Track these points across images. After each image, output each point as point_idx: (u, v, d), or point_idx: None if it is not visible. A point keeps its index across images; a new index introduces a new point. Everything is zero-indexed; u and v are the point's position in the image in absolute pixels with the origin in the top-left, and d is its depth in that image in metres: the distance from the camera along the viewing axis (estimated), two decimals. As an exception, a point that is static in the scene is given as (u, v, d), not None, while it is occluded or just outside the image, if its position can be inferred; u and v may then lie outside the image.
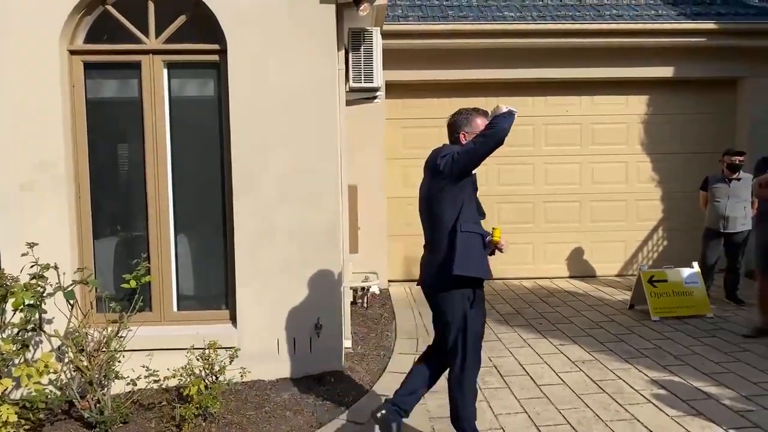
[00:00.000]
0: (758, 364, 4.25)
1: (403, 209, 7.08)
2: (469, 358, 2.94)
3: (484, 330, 3.10)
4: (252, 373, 3.92)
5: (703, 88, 7.14)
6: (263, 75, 4.00)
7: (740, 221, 5.81)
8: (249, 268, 4.06)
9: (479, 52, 6.64)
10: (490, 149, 2.77)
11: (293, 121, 4.04)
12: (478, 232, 2.93)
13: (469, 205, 2.91)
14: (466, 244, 2.87)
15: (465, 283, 2.89)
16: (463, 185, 2.89)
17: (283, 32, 3.99)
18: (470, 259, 2.86)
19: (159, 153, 4.12)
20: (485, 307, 3.10)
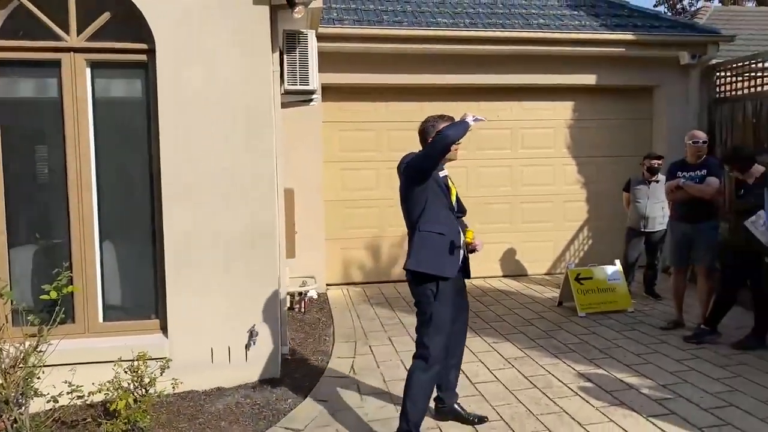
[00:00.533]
0: (674, 355, 4.55)
1: (341, 212, 7.08)
2: (429, 343, 3.08)
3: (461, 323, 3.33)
4: (185, 383, 3.80)
5: (623, 95, 7.57)
6: (194, 76, 3.89)
7: (658, 221, 6.20)
8: (180, 274, 3.93)
9: (414, 57, 6.75)
10: (437, 155, 3.01)
11: (227, 123, 3.96)
12: (440, 231, 3.09)
13: (434, 205, 3.10)
14: (422, 243, 3.08)
15: (425, 277, 3.07)
16: (426, 187, 3.09)
17: (216, 32, 3.90)
18: (424, 256, 3.07)
19: (81, 156, 3.92)
20: (461, 303, 3.31)
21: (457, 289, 3.25)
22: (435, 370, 3.12)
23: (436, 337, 3.09)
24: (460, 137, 3.05)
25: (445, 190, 3.18)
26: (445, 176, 3.22)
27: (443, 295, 3.08)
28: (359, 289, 6.86)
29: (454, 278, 3.15)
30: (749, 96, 6.97)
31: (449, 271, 3.10)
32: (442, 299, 3.08)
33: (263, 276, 4.05)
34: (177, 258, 3.93)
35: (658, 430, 3.33)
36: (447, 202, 3.18)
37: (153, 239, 4.07)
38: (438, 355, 3.11)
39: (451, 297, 3.14)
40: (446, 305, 3.10)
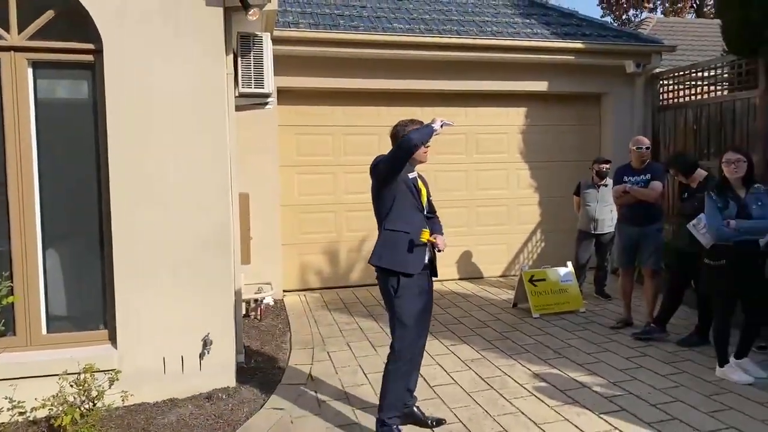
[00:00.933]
0: (624, 353, 4.70)
1: (297, 217, 7.01)
2: (397, 340, 3.24)
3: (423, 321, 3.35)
4: (135, 396, 3.67)
5: (573, 101, 7.81)
6: (144, 78, 3.77)
7: (607, 223, 6.41)
8: (130, 282, 3.80)
9: (370, 62, 6.76)
10: (402, 157, 3.12)
11: (178, 126, 3.85)
12: (405, 230, 3.22)
13: (401, 205, 3.22)
14: (386, 240, 3.24)
15: (388, 273, 3.22)
16: (394, 188, 3.21)
17: (167, 34, 3.80)
18: (387, 252, 3.21)
19: (23, 160, 3.74)
20: (426, 299, 3.35)
21: (421, 288, 3.29)
22: (404, 362, 3.25)
23: (401, 330, 3.22)
24: (425, 141, 3.18)
25: (414, 190, 3.28)
26: (414, 177, 3.32)
27: (404, 290, 3.19)
28: (317, 295, 6.80)
29: (417, 276, 3.23)
30: (690, 104, 7.31)
31: (412, 268, 3.20)
32: (403, 295, 3.19)
33: (217, 283, 3.96)
34: (127, 265, 3.79)
35: (609, 426, 3.43)
36: (416, 203, 3.28)
37: (101, 246, 3.91)
38: (404, 347, 3.23)
39: (415, 293, 3.23)
40: (408, 301, 3.21)
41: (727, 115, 6.74)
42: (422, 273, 3.30)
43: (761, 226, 3.93)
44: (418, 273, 3.25)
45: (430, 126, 3.16)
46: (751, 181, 4.06)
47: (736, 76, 6.73)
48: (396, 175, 3.18)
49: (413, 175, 3.33)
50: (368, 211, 3.55)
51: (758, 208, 3.94)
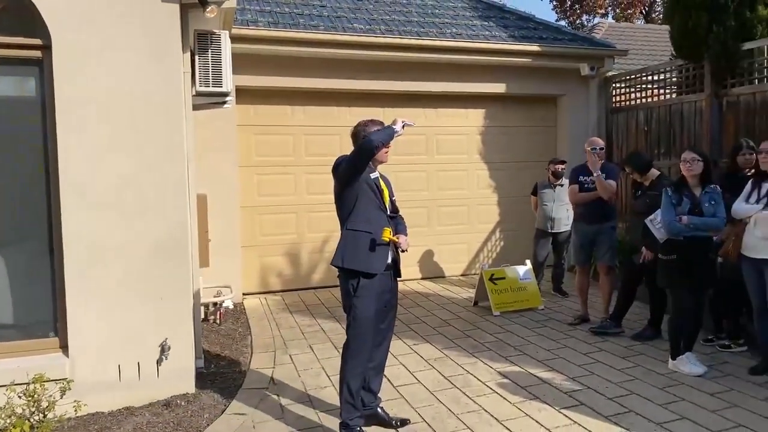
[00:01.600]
0: (581, 348, 4.82)
1: (257, 218, 6.90)
2: (351, 338, 3.25)
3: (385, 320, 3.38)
4: (89, 405, 3.52)
5: (530, 103, 7.97)
6: (96, 75, 3.64)
7: (564, 222, 6.57)
8: (82, 288, 3.65)
9: (331, 62, 6.72)
10: (362, 158, 3.14)
11: (132, 125, 3.73)
12: (367, 230, 3.21)
13: (364, 205, 3.23)
14: (348, 240, 3.23)
15: (348, 273, 3.22)
16: (356, 188, 3.21)
17: (121, 30, 3.67)
18: (348, 253, 3.21)
19: (-35, 160, 3.55)
20: (389, 301, 3.37)
21: (383, 288, 3.30)
22: (359, 361, 3.25)
23: (357, 329, 3.22)
24: (386, 142, 3.19)
25: (376, 190, 3.29)
26: (376, 178, 3.34)
27: (364, 291, 3.20)
28: (278, 298, 6.71)
29: (380, 277, 3.24)
30: (641, 106, 7.58)
31: (374, 267, 3.21)
32: (362, 294, 3.20)
33: (175, 286, 3.85)
34: (79, 270, 3.64)
35: (569, 421, 3.51)
36: (378, 203, 3.29)
37: (50, 251, 3.75)
38: (359, 347, 3.24)
39: (375, 294, 3.23)
40: (366, 301, 3.20)
41: (675, 118, 7.02)
42: (385, 273, 3.30)
43: (710, 223, 4.11)
44: (381, 273, 3.25)
45: (391, 127, 3.19)
46: (708, 181, 4.22)
47: (684, 80, 7.01)
48: (358, 175, 3.20)
49: (375, 175, 3.34)
50: (330, 211, 3.53)
51: (710, 206, 4.13)
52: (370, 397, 3.45)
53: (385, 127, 3.24)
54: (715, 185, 4.24)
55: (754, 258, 4.04)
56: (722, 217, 4.12)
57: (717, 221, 4.12)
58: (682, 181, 4.28)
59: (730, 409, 3.61)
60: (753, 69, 6.17)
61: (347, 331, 3.30)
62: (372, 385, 3.46)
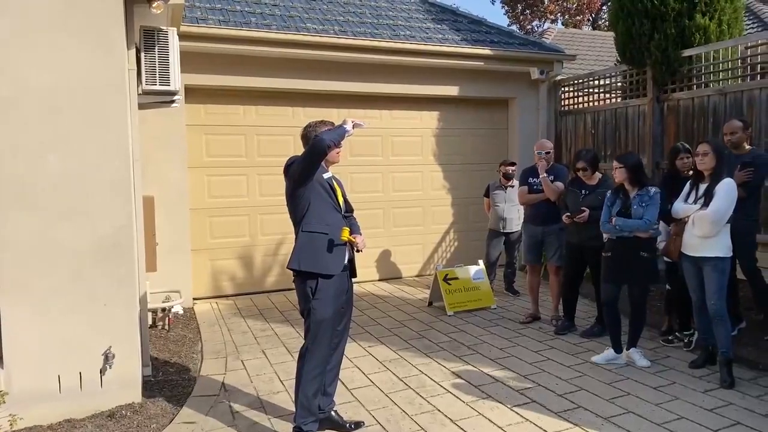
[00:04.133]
0: (532, 346, 4.92)
1: (207, 221, 6.73)
2: (310, 342, 3.21)
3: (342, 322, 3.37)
4: (26, 418, 3.35)
5: (482, 106, 8.09)
6: (33, 70, 3.45)
7: (515, 222, 6.70)
8: (17, 294, 3.45)
9: (283, 62, 6.63)
10: (314, 158, 3.11)
11: (73, 123, 3.56)
12: (322, 231, 3.19)
13: (318, 206, 3.20)
14: (304, 242, 3.20)
15: (305, 275, 3.18)
16: (309, 189, 3.18)
17: (58, 23, 3.50)
18: (305, 255, 3.17)
19: None
20: (346, 302, 3.38)
21: (340, 289, 3.28)
22: (317, 364, 3.22)
23: (315, 332, 3.19)
24: (337, 141, 3.17)
25: (330, 191, 3.27)
26: (330, 177, 3.32)
27: (322, 293, 3.17)
28: (230, 302, 6.56)
29: (337, 278, 3.22)
30: (588, 109, 7.82)
31: (332, 268, 3.19)
32: (321, 297, 3.17)
33: (119, 292, 3.69)
34: (13, 275, 3.44)
35: (521, 418, 3.57)
36: (333, 203, 3.27)
37: (-17, 256, 3.53)
38: (318, 350, 3.20)
39: (333, 295, 3.21)
40: (325, 303, 3.18)
41: (620, 121, 7.28)
42: (341, 274, 3.28)
43: (632, 225, 4.32)
44: (338, 274, 3.23)
45: (341, 127, 3.19)
46: (641, 183, 4.40)
47: (628, 84, 7.28)
48: (310, 176, 3.17)
49: (328, 175, 3.32)
50: (284, 213, 3.45)
51: (638, 209, 4.33)
52: (326, 400, 3.42)
53: (336, 127, 3.23)
54: (650, 188, 4.40)
55: (693, 256, 4.21)
56: (647, 220, 4.28)
57: (640, 223, 4.30)
58: (620, 185, 4.49)
59: (672, 402, 3.75)
60: (692, 75, 6.46)
61: (305, 336, 3.25)
62: (329, 389, 3.43)
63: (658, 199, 4.33)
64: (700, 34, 6.26)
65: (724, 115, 5.91)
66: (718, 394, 3.86)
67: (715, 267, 4.06)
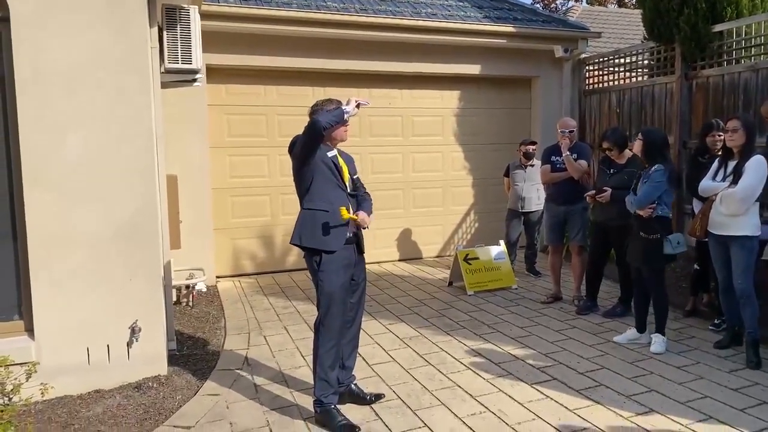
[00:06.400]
0: (553, 326, 4.90)
1: (229, 200, 6.80)
2: (323, 315, 3.24)
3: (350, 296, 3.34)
4: (57, 388, 3.44)
5: (504, 85, 7.97)
6: (59, 50, 3.50)
7: (534, 202, 6.63)
8: (48, 270, 3.54)
9: (304, 41, 6.61)
10: (311, 139, 3.11)
11: (97, 102, 3.60)
12: (323, 208, 3.21)
13: (321, 184, 3.22)
14: (305, 219, 3.25)
15: (310, 250, 3.24)
16: (312, 167, 3.20)
17: (83, 2, 3.52)
18: (306, 231, 3.23)
19: None
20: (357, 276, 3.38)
21: (348, 261, 3.29)
22: (331, 337, 3.24)
23: (326, 304, 3.22)
24: (333, 124, 3.14)
25: (334, 169, 3.27)
26: (334, 156, 3.31)
27: (327, 265, 3.21)
28: (252, 280, 6.65)
29: (342, 251, 3.24)
30: (613, 88, 7.65)
31: (333, 245, 3.21)
32: (326, 269, 3.21)
33: (145, 268, 3.77)
34: (44, 252, 3.53)
35: (541, 395, 3.56)
36: (337, 181, 3.27)
37: (14, 233, 3.62)
38: (331, 322, 3.23)
39: (340, 267, 3.23)
40: (332, 274, 3.21)
41: (646, 99, 7.11)
42: (347, 247, 3.28)
43: (628, 202, 4.29)
44: (343, 248, 3.24)
45: (339, 108, 3.18)
46: (652, 161, 4.25)
47: (655, 62, 7.09)
48: (310, 155, 3.18)
49: (332, 153, 3.31)
50: (305, 193, 3.48)
51: (641, 186, 4.26)
52: (345, 374, 3.45)
53: (335, 108, 3.22)
54: (658, 165, 4.20)
55: (719, 234, 4.12)
56: (637, 198, 4.19)
57: (629, 201, 4.26)
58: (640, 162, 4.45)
59: (697, 381, 3.71)
60: (722, 51, 6.27)
61: (318, 308, 3.29)
62: (347, 362, 3.46)
63: (656, 177, 4.16)
64: (732, 8, 6.06)
65: (756, 93, 5.74)
66: (743, 374, 3.80)
67: (742, 246, 3.97)
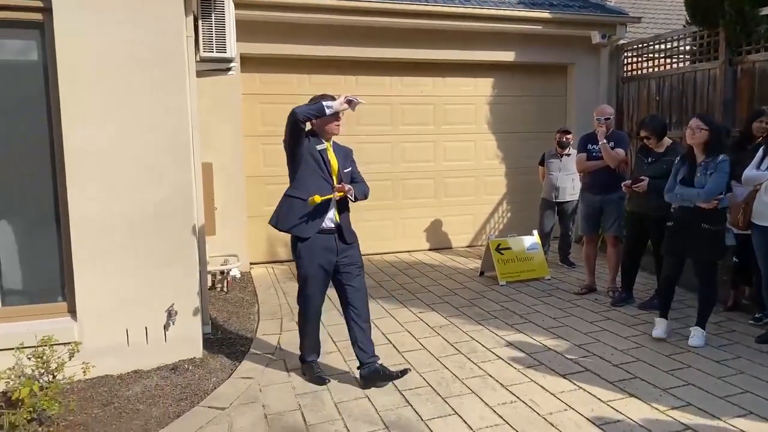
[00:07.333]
0: (587, 317, 4.82)
1: (263, 189, 6.87)
2: (298, 295, 3.62)
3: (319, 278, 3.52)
4: (98, 368, 3.57)
5: (539, 72, 7.82)
6: (98, 39, 3.58)
7: (569, 191, 6.51)
8: (89, 254, 3.66)
9: (337, 29, 6.61)
10: (289, 129, 3.36)
11: (137, 91, 3.69)
12: (301, 197, 3.41)
13: (305, 174, 3.43)
14: (283, 204, 3.50)
15: (292, 237, 3.51)
16: (299, 157, 3.42)
17: (120, -10, 3.60)
18: (282, 216, 3.48)
19: (-32, 125, 3.53)
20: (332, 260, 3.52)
21: (326, 250, 3.48)
22: (307, 316, 3.61)
23: (301, 286, 3.57)
24: (310, 115, 3.33)
25: (321, 161, 3.46)
26: (323, 149, 3.49)
27: (302, 252, 3.46)
28: (285, 267, 6.73)
29: (318, 239, 3.45)
30: (653, 75, 7.43)
31: (306, 232, 3.44)
32: (302, 255, 3.47)
33: (180, 253, 3.86)
34: (85, 236, 3.65)
35: (574, 386, 3.52)
36: (322, 173, 3.46)
37: (57, 218, 3.75)
38: (305, 303, 3.58)
39: (314, 255, 3.45)
40: (306, 261, 3.47)
41: (688, 86, 6.87)
42: (327, 236, 3.48)
43: (689, 193, 4.06)
44: (323, 236, 3.46)
45: (319, 102, 3.33)
46: (714, 150, 4.07)
47: (698, 47, 6.84)
48: (294, 146, 3.39)
49: (322, 146, 3.49)
50: (336, 183, 3.53)
51: (701, 177, 4.03)
52: (364, 355, 3.54)
53: (316, 102, 3.37)
54: (718, 156, 4.03)
55: (764, 225, 3.97)
56: (707, 190, 3.97)
57: (694, 193, 4.02)
58: (689, 150, 4.21)
59: (737, 376, 3.60)
60: (770, 35, 6.01)
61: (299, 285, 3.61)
62: (362, 345, 3.55)
63: (725, 168, 3.99)
64: (781, -10, 5.80)
65: (805, 78, 5.49)
66: (787, 370, 3.68)
67: (789, 237, 3.82)
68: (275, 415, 3.20)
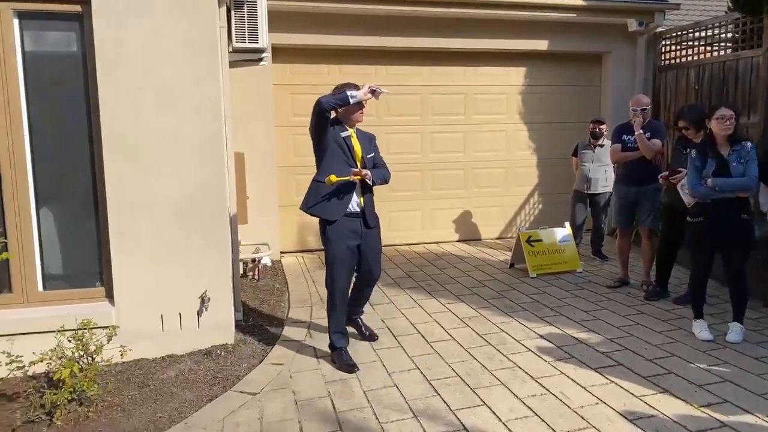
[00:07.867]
0: (620, 311, 4.73)
1: (294, 178, 6.93)
2: (326, 277, 3.75)
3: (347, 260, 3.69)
4: (134, 351, 3.66)
5: (573, 61, 7.67)
6: (134, 30, 3.65)
7: (601, 183, 6.38)
8: (126, 241, 3.76)
9: (367, 19, 6.59)
10: (315, 118, 3.51)
11: (171, 81, 3.75)
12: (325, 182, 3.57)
13: (330, 160, 3.58)
14: (311, 189, 3.67)
15: (321, 221, 3.67)
16: (325, 145, 3.58)
17: (156, -18, 3.66)
18: (311, 200, 3.64)
19: (12, 115, 3.65)
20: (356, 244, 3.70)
21: (350, 233, 3.66)
22: (336, 298, 3.69)
23: (329, 270, 3.69)
24: (335, 105, 3.47)
25: (345, 147, 3.62)
26: (347, 136, 3.65)
27: (329, 234, 3.63)
28: (314, 256, 6.79)
29: (345, 222, 3.62)
30: (692, 63, 7.19)
31: (330, 214, 3.60)
32: (329, 237, 3.63)
33: (213, 240, 3.92)
34: (122, 223, 3.75)
35: (605, 380, 3.47)
36: (346, 158, 3.62)
37: (95, 204, 3.86)
38: (333, 286, 3.68)
39: (342, 237, 3.62)
40: (333, 243, 3.63)
41: (729, 75, 6.64)
42: (350, 219, 3.65)
43: (735, 183, 3.91)
44: (347, 219, 3.62)
45: (344, 92, 3.46)
46: (736, 139, 3.98)
47: (740, 34, 6.60)
48: (319, 133, 3.55)
49: (346, 133, 3.65)
50: (367, 172, 3.57)
51: (738, 165, 3.92)
52: (354, 309, 4.07)
53: (341, 92, 3.49)
54: (745, 142, 3.97)
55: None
56: (753, 176, 3.89)
57: (744, 181, 3.90)
58: (707, 142, 4.08)
59: (776, 374, 3.50)
60: (818, 21, 5.75)
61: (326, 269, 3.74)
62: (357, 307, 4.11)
63: (755, 154, 3.93)
64: (832, -27, 5.53)
65: None
66: (830, 369, 3.55)
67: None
68: (305, 401, 3.25)
